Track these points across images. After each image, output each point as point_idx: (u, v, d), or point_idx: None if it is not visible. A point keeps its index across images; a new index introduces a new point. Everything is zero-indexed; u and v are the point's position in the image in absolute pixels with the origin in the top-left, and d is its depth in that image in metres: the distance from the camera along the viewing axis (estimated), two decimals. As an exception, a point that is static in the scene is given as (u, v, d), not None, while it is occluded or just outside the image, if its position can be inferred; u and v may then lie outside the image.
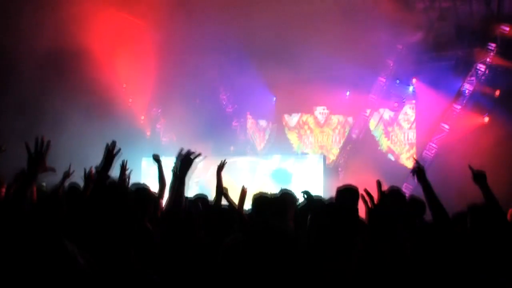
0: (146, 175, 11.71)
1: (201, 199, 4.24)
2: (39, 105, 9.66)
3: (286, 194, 3.82)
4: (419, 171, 3.26)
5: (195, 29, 9.57)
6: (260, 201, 3.76)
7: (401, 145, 11.56)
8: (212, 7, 8.70)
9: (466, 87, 10.18)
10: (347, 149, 11.89)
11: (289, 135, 13.08)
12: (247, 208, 4.42)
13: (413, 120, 11.43)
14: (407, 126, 11.50)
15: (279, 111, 13.19)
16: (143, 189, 3.36)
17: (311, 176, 10.11)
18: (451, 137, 10.22)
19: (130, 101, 12.75)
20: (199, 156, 2.79)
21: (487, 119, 9.90)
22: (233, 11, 9.17)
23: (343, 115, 12.38)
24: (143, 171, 12.16)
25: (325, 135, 12.58)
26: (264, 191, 4.25)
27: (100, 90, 10.79)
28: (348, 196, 3.74)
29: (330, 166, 11.27)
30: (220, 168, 4.61)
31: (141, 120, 13.48)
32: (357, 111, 11.97)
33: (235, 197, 4.36)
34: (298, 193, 4.07)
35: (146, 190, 3.37)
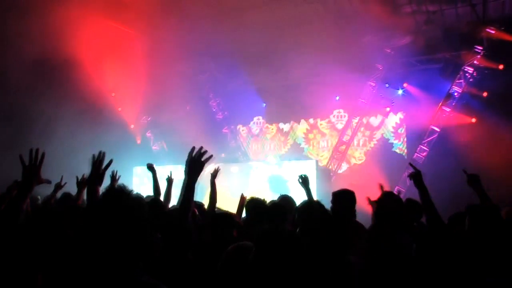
0: (138, 184, 11.62)
1: (198, 206, 4.20)
2: (27, 113, 9.53)
3: (285, 199, 3.79)
4: (416, 176, 3.26)
5: (185, 36, 9.54)
6: (258, 206, 3.73)
7: (390, 148, 11.61)
8: (202, 14, 8.69)
9: (454, 89, 10.30)
10: (338, 154, 11.91)
11: (280, 141, 13.06)
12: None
13: (403, 123, 11.49)
14: (397, 129, 11.56)
15: (270, 117, 13.19)
16: (155, 200, 3.28)
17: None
18: (441, 139, 10.30)
19: (119, 109, 12.63)
20: (210, 159, 2.52)
21: (474, 119, 10.00)
22: (223, 18, 9.17)
23: (334, 119, 12.42)
24: (134, 180, 12.06)
25: (315, 140, 12.59)
26: (258, 196, 4.24)
27: (89, 98, 10.69)
28: (345, 200, 3.74)
29: (321, 171, 11.27)
30: (214, 175, 4.57)
31: (131, 128, 13.37)
32: (347, 116, 12.03)
33: (228, 206, 4.32)
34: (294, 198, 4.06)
35: (157, 201, 3.29)
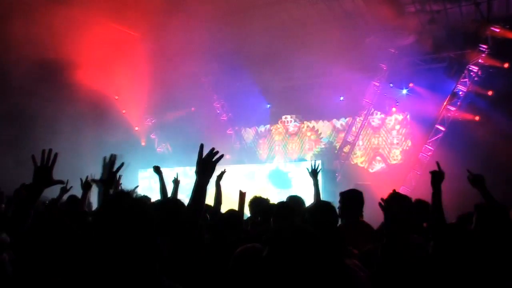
0: (142, 186, 11.62)
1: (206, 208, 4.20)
2: (31, 115, 9.54)
3: (294, 199, 3.80)
4: (438, 175, 3.23)
5: (189, 37, 9.55)
6: (264, 205, 3.75)
7: (396, 148, 11.58)
8: (205, 16, 8.69)
9: (459, 88, 10.26)
10: (343, 154, 11.90)
11: (286, 142, 13.06)
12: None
13: (408, 123, 11.46)
14: (402, 129, 11.53)
15: (274, 118, 13.18)
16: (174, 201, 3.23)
17: (310, 181, 10.04)
18: (446, 138, 10.26)
19: (123, 112, 12.66)
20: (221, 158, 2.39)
21: (477, 117, 9.96)
22: (227, 20, 9.18)
23: (338, 119, 12.40)
24: (139, 182, 12.05)
25: (320, 140, 12.57)
26: (262, 196, 4.27)
27: (93, 100, 10.71)
28: (353, 200, 3.73)
29: (327, 171, 11.24)
30: (219, 177, 4.56)
31: (135, 130, 13.39)
32: (352, 116, 12.01)
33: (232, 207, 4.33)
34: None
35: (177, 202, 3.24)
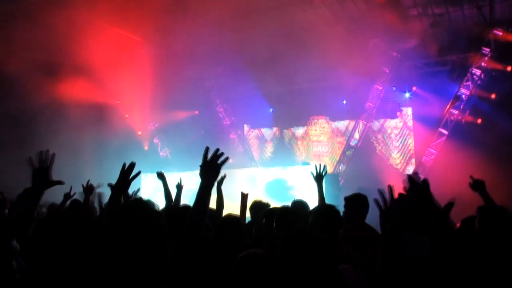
0: (145, 190, 11.61)
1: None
2: (33, 119, 9.55)
3: (298, 204, 3.79)
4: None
5: (192, 42, 9.58)
6: (265, 209, 3.75)
7: (399, 151, 11.55)
8: (208, 20, 8.71)
9: (462, 91, 10.24)
10: (346, 158, 11.88)
11: (288, 145, 13.04)
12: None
13: (411, 126, 11.44)
14: (404, 132, 11.51)
15: (277, 122, 13.17)
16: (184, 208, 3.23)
17: (313, 185, 10.02)
18: (450, 141, 10.23)
19: (126, 116, 12.68)
20: (226, 161, 2.41)
21: (479, 120, 9.94)
22: (229, 24, 9.19)
23: (341, 124, 12.38)
24: (142, 186, 12.03)
25: (324, 144, 12.56)
26: (262, 200, 4.30)
27: (97, 105, 10.74)
28: (357, 204, 3.73)
29: (330, 175, 11.22)
30: (220, 182, 4.55)
31: (138, 134, 13.41)
32: (354, 120, 11.99)
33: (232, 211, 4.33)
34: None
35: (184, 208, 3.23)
